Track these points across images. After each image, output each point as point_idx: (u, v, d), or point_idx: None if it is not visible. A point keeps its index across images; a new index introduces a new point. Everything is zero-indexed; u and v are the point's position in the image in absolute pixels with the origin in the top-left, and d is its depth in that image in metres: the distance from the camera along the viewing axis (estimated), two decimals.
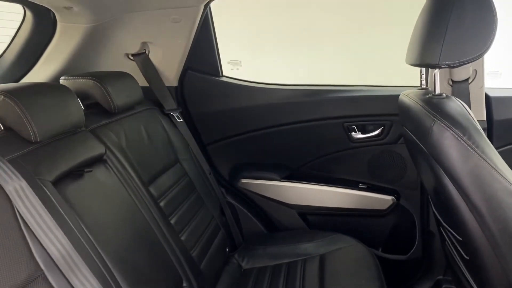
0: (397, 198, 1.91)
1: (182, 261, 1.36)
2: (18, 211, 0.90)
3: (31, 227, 0.90)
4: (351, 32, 2.47)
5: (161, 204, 1.45)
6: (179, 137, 1.81)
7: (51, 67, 1.66)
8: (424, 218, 1.90)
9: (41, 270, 0.90)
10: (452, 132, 1.11)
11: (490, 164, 1.09)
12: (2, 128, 1.07)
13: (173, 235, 1.38)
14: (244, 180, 2.04)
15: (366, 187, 1.95)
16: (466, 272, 1.38)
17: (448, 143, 1.12)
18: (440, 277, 1.91)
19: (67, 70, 1.66)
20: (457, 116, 1.15)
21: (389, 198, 1.91)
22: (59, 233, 0.94)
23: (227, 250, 1.79)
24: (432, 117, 1.17)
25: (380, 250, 1.99)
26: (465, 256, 1.29)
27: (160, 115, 1.77)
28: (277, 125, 1.96)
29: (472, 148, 1.09)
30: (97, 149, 1.24)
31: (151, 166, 1.51)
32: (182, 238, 1.46)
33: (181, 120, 1.86)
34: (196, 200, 1.71)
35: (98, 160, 1.24)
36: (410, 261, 1.94)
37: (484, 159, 1.09)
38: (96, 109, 1.44)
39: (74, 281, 0.92)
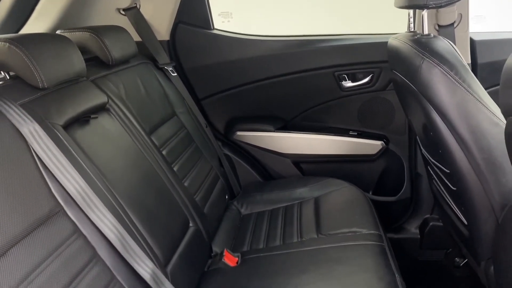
0: (386, 143, 2.00)
1: (187, 204, 1.43)
2: (34, 151, 0.95)
3: (48, 166, 0.95)
4: None
5: (163, 152, 1.50)
6: (174, 91, 1.85)
7: (43, 23, 1.66)
8: (412, 160, 1.99)
9: (61, 206, 0.95)
10: (440, 68, 1.18)
11: (475, 97, 1.16)
12: (8, 77, 1.10)
13: (177, 181, 1.45)
14: (239, 133, 2.10)
15: (356, 133, 2.03)
16: (453, 203, 1.48)
17: (437, 79, 1.18)
18: (428, 215, 2.03)
19: (59, 26, 1.67)
20: (445, 54, 1.21)
21: (378, 143, 1.99)
22: (74, 172, 0.99)
23: (226, 197, 1.87)
24: (421, 55, 1.23)
25: (370, 193, 2.09)
26: (451, 187, 1.38)
27: (154, 69, 1.80)
28: (269, 77, 2.00)
29: (459, 83, 1.16)
30: (100, 98, 1.28)
31: (150, 118, 1.55)
32: (185, 184, 1.53)
33: (175, 74, 1.89)
34: (195, 151, 1.77)
35: (102, 109, 1.28)
36: (399, 202, 2.05)
37: (470, 92, 1.16)
38: (94, 62, 1.46)
39: (91, 215, 0.98)
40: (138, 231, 1.11)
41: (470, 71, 1.20)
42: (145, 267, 1.01)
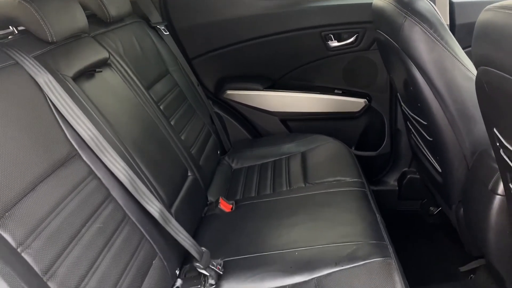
0: (369, 100, 2.11)
1: (185, 155, 1.53)
2: (50, 100, 1.02)
3: (63, 114, 1.03)
4: None
5: (161, 107, 1.58)
6: (167, 49, 1.91)
7: None
8: (392, 117, 2.12)
9: (76, 150, 1.04)
10: (420, 26, 1.28)
11: (452, 54, 1.27)
12: (16, 32, 1.15)
13: (175, 133, 1.54)
14: (229, 92, 2.18)
15: (341, 92, 2.13)
16: (429, 154, 1.62)
17: (417, 37, 1.29)
18: (406, 169, 2.19)
19: None
20: (425, 13, 1.31)
21: (361, 101, 2.11)
22: (86, 120, 1.07)
23: (218, 153, 1.97)
24: (404, 14, 1.33)
25: (353, 148, 2.22)
26: (428, 138, 1.51)
27: (147, 27, 1.85)
28: (258, 37, 2.06)
29: (437, 40, 1.27)
30: (102, 53, 1.34)
31: (146, 74, 1.62)
32: (182, 137, 1.62)
33: (167, 33, 1.94)
34: (189, 108, 1.85)
35: (104, 64, 1.34)
36: (380, 156, 2.20)
37: (447, 49, 1.27)
38: (93, 19, 1.51)
39: (104, 159, 1.07)
40: (144, 175, 1.21)
41: (448, 29, 1.30)
42: (154, 206, 1.11)
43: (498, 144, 0.91)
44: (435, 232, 2.04)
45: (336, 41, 2.03)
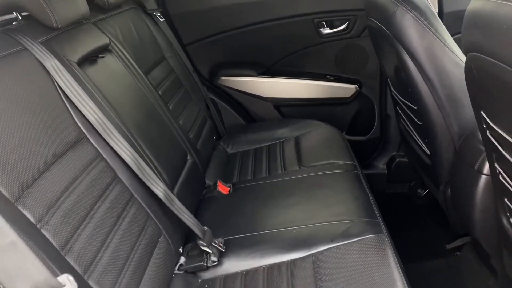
0: (360, 86, 2.17)
1: (184, 139, 1.57)
2: (58, 85, 1.05)
3: (70, 98, 1.06)
4: None
5: (159, 92, 1.62)
6: (163, 36, 1.93)
7: None
8: (382, 103, 2.19)
9: (84, 133, 1.08)
10: (412, 14, 1.33)
11: (441, 41, 1.33)
12: (20, 18, 1.18)
13: (173, 118, 1.58)
14: (223, 78, 2.22)
15: (333, 78, 2.19)
16: (418, 137, 1.69)
17: (408, 24, 1.34)
18: (395, 153, 2.26)
19: None
20: (416, 1, 1.36)
21: (352, 87, 2.17)
22: (92, 104, 1.10)
23: (214, 138, 2.02)
24: (396, 2, 1.38)
25: (344, 133, 2.28)
26: (418, 122, 1.58)
27: (143, 14, 1.87)
28: (252, 24, 2.10)
29: (427, 28, 1.32)
30: (103, 39, 1.37)
31: (144, 60, 1.65)
32: (180, 122, 1.66)
33: (163, 19, 1.97)
34: (185, 94, 1.89)
35: (105, 49, 1.37)
36: (370, 141, 2.27)
37: (437, 36, 1.33)
38: (91, 5, 1.52)
39: (110, 142, 1.11)
40: (148, 158, 1.25)
41: (438, 17, 1.36)
42: (159, 187, 1.16)
43: (485, 126, 0.97)
44: (423, 213, 2.13)
45: (328, 28, 2.08)
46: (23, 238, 0.73)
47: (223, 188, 1.62)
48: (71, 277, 0.68)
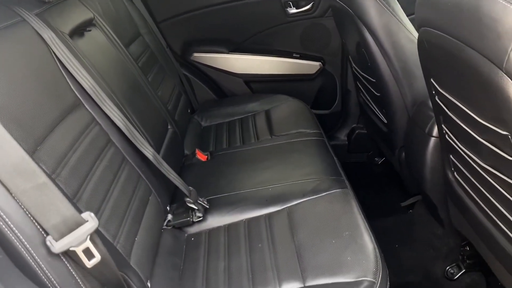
0: (323, 64, 2.33)
1: (164, 110, 1.68)
2: (54, 54, 1.13)
3: (66, 66, 1.15)
4: None
5: (139, 65, 1.71)
6: (138, 13, 2.00)
7: None
8: (343, 79, 2.36)
9: (79, 100, 1.17)
10: None
11: (397, 19, 1.50)
12: None
13: (154, 89, 1.68)
14: (196, 54, 2.32)
15: (299, 55, 2.34)
16: (376, 108, 1.88)
17: (369, 4, 1.50)
18: (354, 125, 2.46)
19: None
20: None
21: (316, 64, 2.32)
22: (85, 73, 1.19)
23: (189, 111, 2.13)
24: None
25: (309, 107, 2.45)
26: (376, 94, 1.76)
27: None
28: (223, 2, 2.20)
29: (385, 7, 1.49)
30: (88, 14, 1.44)
31: (123, 35, 1.73)
32: (159, 94, 1.76)
33: None
34: (160, 69, 1.98)
35: (90, 24, 1.44)
36: (332, 114, 2.45)
37: (393, 15, 1.50)
38: None
39: (104, 108, 1.20)
40: (136, 124, 1.35)
41: None
42: (148, 150, 1.27)
43: (434, 92, 1.14)
44: (380, 179, 2.34)
45: (294, 8, 2.21)
46: None
47: (201, 156, 1.74)
48: (93, 214, 0.80)
